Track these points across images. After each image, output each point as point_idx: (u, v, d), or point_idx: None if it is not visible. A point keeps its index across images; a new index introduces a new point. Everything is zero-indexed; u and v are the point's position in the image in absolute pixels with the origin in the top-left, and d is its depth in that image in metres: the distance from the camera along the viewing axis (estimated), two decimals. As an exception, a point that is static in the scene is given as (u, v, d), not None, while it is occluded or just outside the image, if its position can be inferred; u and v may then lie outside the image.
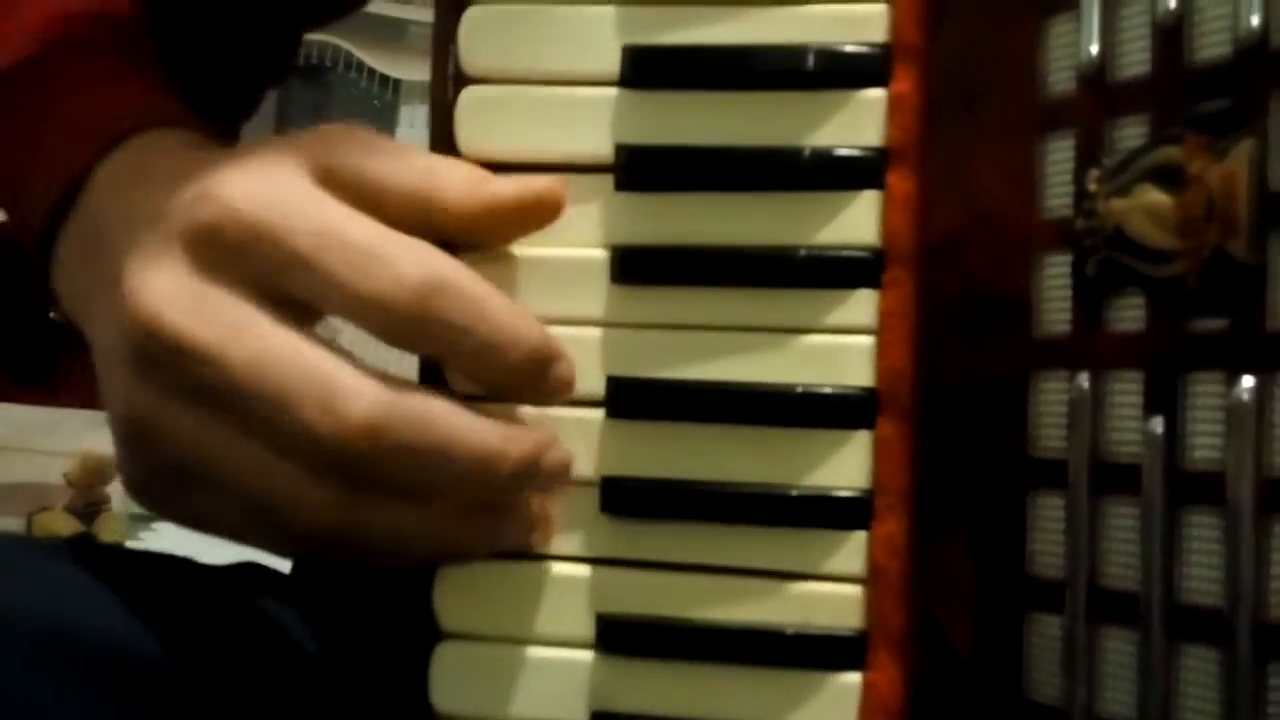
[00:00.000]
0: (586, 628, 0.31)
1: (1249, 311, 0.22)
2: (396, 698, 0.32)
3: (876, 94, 0.30)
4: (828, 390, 0.30)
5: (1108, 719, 0.24)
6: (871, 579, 0.29)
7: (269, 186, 0.28)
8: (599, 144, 0.31)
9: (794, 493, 0.30)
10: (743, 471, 0.30)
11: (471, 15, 0.32)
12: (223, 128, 0.44)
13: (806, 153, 0.31)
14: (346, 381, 0.27)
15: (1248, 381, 0.22)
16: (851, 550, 0.30)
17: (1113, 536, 0.24)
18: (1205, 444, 0.23)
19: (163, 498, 0.30)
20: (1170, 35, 0.24)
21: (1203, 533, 0.23)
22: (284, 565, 0.37)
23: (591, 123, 0.31)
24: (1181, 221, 0.23)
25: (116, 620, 0.31)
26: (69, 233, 0.34)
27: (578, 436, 0.31)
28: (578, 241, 0.31)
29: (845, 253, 0.30)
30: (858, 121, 0.30)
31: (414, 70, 2.15)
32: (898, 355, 0.29)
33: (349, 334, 0.30)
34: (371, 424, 0.26)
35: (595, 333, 0.31)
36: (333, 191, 0.28)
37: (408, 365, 0.31)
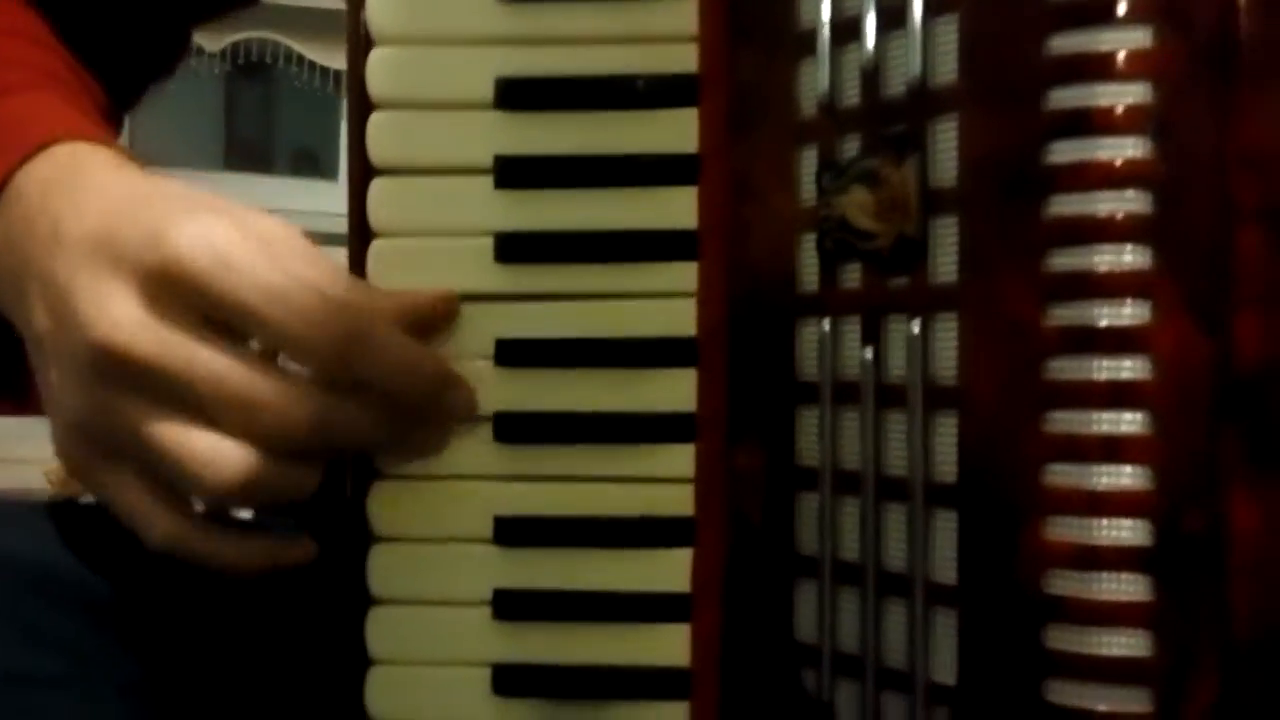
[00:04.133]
0: (486, 527, 0.40)
1: (918, 274, 0.32)
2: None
3: (690, 111, 0.40)
4: (662, 338, 0.40)
5: (845, 561, 0.34)
6: (697, 478, 0.39)
7: (215, 235, 0.35)
8: (479, 153, 0.40)
9: (640, 416, 0.40)
10: (600, 403, 0.40)
11: (376, 54, 0.41)
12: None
13: (640, 157, 0.40)
14: (284, 388, 0.35)
15: (918, 321, 0.32)
16: (683, 457, 0.39)
17: (845, 433, 0.34)
18: (897, 365, 0.33)
19: (93, 474, 0.38)
20: (871, 77, 0.33)
21: (896, 427, 0.33)
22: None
23: (473, 137, 0.41)
24: (878, 211, 0.33)
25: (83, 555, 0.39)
26: None
27: (474, 383, 0.40)
28: (466, 231, 0.41)
29: (671, 233, 0.40)
30: (678, 132, 0.40)
31: (355, 61, 2.17)
32: (713, 311, 0.39)
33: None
34: (308, 422, 0.35)
35: (485, 304, 0.40)
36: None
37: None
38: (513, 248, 0.40)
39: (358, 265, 0.41)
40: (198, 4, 0.56)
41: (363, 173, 0.41)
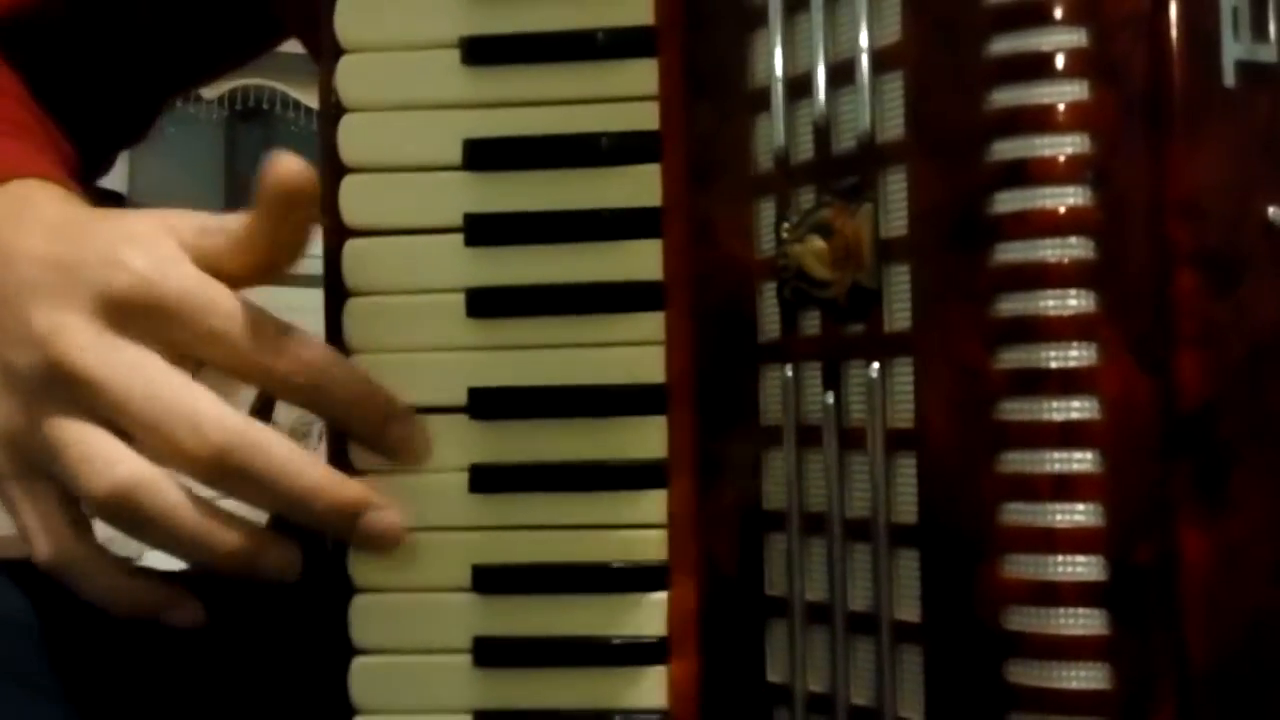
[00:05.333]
0: (465, 577, 0.41)
1: (874, 320, 0.33)
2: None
3: (653, 167, 0.41)
4: (631, 387, 0.41)
5: (813, 602, 0.35)
6: (671, 523, 0.40)
7: (169, 266, 0.36)
8: (449, 213, 0.41)
9: (613, 464, 0.41)
10: (574, 452, 0.41)
11: (347, 120, 0.42)
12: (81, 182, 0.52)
13: (606, 211, 0.41)
14: (212, 413, 0.35)
15: (875, 366, 0.33)
16: (656, 502, 0.40)
17: (810, 476, 0.35)
18: (858, 408, 0.34)
19: (5, 486, 0.37)
20: (823, 132, 0.35)
21: (859, 469, 0.34)
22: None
23: (443, 197, 0.42)
24: (833, 260, 0.34)
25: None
26: None
27: (448, 436, 0.41)
28: (438, 288, 0.41)
29: (637, 284, 0.41)
30: (641, 186, 0.41)
31: (348, 106, 2.23)
32: (680, 359, 0.40)
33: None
34: (222, 447, 0.35)
35: (456, 356, 0.41)
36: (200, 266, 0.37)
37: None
38: (484, 303, 0.41)
39: (333, 323, 0.42)
40: (166, 82, 0.58)
41: (337, 234, 0.42)
